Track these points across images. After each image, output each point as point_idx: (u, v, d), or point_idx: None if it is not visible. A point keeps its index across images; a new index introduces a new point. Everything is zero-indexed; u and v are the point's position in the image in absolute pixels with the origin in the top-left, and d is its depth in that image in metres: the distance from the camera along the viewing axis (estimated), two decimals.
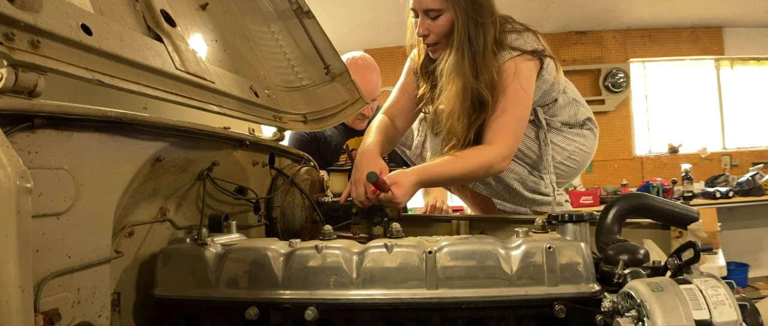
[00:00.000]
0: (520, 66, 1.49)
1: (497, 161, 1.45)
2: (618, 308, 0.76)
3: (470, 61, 1.47)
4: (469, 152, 1.47)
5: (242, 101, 1.31)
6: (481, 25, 1.47)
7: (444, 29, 1.50)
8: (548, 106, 1.67)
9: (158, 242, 1.06)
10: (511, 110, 1.47)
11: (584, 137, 1.72)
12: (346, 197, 1.46)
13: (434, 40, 1.55)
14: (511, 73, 1.48)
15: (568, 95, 1.70)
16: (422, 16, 1.52)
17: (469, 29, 1.46)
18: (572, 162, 1.69)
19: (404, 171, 1.38)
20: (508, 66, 1.49)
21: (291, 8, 1.66)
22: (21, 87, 0.69)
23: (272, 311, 0.91)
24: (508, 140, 1.47)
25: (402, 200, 1.32)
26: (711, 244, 0.79)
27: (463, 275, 0.89)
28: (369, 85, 2.27)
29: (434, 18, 1.49)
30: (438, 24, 1.50)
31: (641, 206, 1.12)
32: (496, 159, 1.44)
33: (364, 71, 2.31)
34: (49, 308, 0.71)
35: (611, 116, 5.54)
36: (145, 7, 1.10)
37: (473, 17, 1.46)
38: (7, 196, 0.55)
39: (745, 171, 5.02)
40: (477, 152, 1.46)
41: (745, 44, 5.60)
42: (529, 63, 1.51)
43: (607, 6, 4.98)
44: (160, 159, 0.99)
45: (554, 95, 1.64)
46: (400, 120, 1.76)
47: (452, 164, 1.44)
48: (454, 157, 1.45)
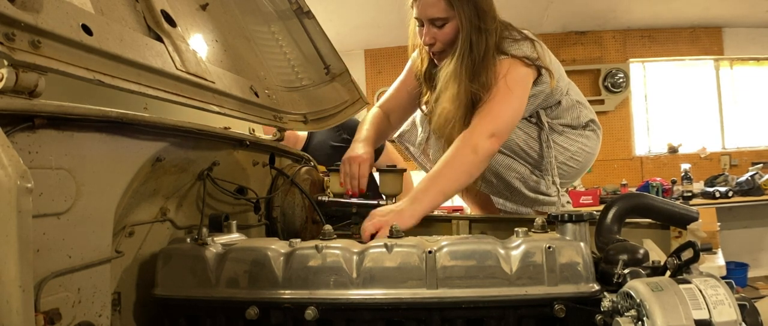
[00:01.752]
0: (511, 67, 1.49)
1: (481, 138, 1.40)
2: (617, 308, 0.76)
3: (469, 67, 1.47)
4: (450, 151, 1.42)
5: (242, 101, 1.31)
6: (484, 31, 1.47)
7: (450, 37, 1.51)
8: (551, 108, 1.67)
9: (158, 242, 1.06)
10: (498, 101, 1.46)
11: (587, 138, 1.72)
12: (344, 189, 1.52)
13: (441, 48, 1.56)
14: (501, 72, 1.48)
15: (571, 97, 1.70)
16: (428, 25, 1.52)
17: (472, 36, 1.47)
18: (575, 162, 1.70)
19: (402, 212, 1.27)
20: (501, 65, 1.49)
21: (291, 8, 1.66)
22: (21, 87, 0.69)
23: (272, 311, 0.91)
24: (491, 121, 1.44)
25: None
26: (710, 244, 0.79)
27: (463, 275, 0.89)
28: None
29: (440, 26, 1.50)
30: (444, 32, 1.51)
31: (641, 206, 1.12)
32: (479, 137, 1.40)
33: None
34: (50, 308, 0.71)
35: (611, 116, 5.53)
36: (145, 8, 1.10)
37: (476, 24, 1.46)
38: (8, 196, 0.55)
39: (745, 171, 5.01)
40: (456, 145, 1.41)
41: (745, 44, 5.59)
42: (522, 69, 1.51)
43: (606, 6, 4.98)
44: (161, 159, 0.99)
45: (556, 97, 1.65)
46: (394, 116, 1.78)
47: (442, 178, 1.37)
48: (439, 169, 1.38)
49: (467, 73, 1.47)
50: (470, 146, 1.40)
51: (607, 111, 5.50)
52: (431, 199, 1.33)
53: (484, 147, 1.41)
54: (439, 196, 1.35)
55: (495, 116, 1.45)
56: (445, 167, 1.38)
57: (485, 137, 1.41)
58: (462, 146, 1.40)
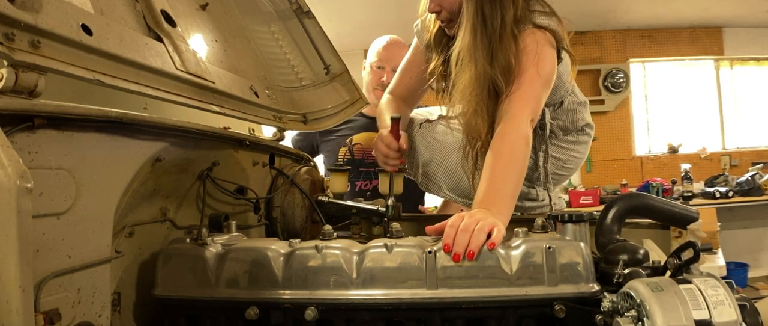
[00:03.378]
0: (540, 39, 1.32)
1: (527, 126, 1.24)
2: (618, 308, 0.76)
3: (485, 45, 1.29)
4: (503, 147, 1.20)
5: (242, 101, 1.31)
6: (499, 2, 1.29)
7: (456, 5, 1.36)
8: (554, 106, 1.56)
9: (158, 242, 1.06)
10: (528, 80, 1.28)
11: (580, 143, 1.63)
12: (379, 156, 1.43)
13: (447, 17, 1.42)
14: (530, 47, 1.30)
15: (574, 98, 1.60)
16: None
17: (484, 7, 1.28)
18: (565, 170, 1.64)
19: (488, 217, 0.98)
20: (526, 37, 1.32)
21: (291, 8, 1.66)
22: (21, 87, 0.69)
23: (272, 311, 0.91)
24: (528, 104, 1.28)
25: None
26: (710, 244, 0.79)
27: (463, 275, 0.89)
28: None
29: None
30: (449, 2, 1.37)
31: (641, 206, 1.12)
32: (525, 125, 1.24)
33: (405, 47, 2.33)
34: (50, 308, 0.71)
35: (611, 116, 5.54)
36: (145, 7, 1.10)
37: None
38: (8, 196, 0.55)
39: (745, 171, 5.02)
40: (507, 138, 1.21)
41: (745, 44, 5.60)
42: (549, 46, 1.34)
43: (606, 6, 4.98)
44: (161, 159, 0.99)
45: (562, 94, 1.54)
46: (408, 99, 1.66)
47: (511, 173, 1.16)
48: (502, 164, 1.17)
49: (484, 53, 1.29)
50: (525, 139, 1.22)
51: (607, 111, 5.50)
52: (509, 208, 1.12)
53: (530, 134, 1.25)
54: (513, 202, 1.16)
55: (529, 98, 1.28)
56: (509, 168, 1.17)
57: (527, 124, 1.25)
58: (516, 145, 1.20)
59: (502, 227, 0.94)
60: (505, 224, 1.02)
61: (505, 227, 0.98)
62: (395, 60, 2.27)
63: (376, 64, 2.35)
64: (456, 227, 0.92)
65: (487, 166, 1.18)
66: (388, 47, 2.34)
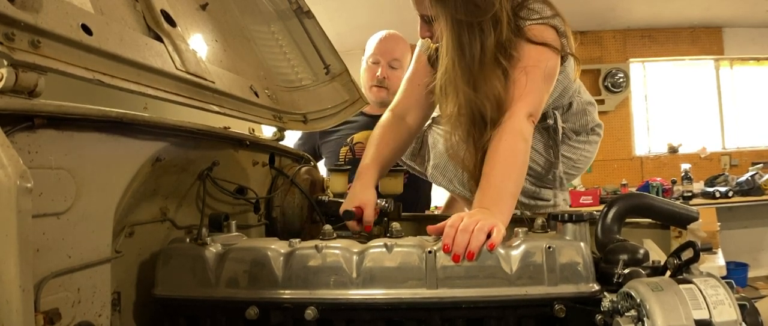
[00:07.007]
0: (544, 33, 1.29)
1: (523, 123, 1.22)
2: (618, 308, 0.76)
3: (464, 73, 1.27)
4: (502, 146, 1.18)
5: (242, 101, 1.31)
6: (477, 26, 1.24)
7: (439, 32, 1.32)
8: (563, 108, 1.56)
9: (158, 242, 1.06)
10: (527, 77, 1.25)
11: (590, 143, 1.65)
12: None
13: (438, 42, 1.36)
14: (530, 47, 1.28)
15: (582, 99, 1.59)
16: (421, 21, 1.37)
17: (461, 37, 1.25)
18: (575, 169, 1.65)
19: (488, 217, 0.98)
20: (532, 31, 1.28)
21: (291, 8, 1.66)
22: (21, 87, 0.69)
23: (272, 311, 0.91)
24: (526, 101, 1.24)
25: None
26: (710, 244, 0.79)
27: (463, 274, 0.89)
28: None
29: (429, 21, 1.35)
30: (435, 29, 1.33)
31: (641, 205, 1.12)
32: (522, 122, 1.22)
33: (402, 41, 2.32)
34: (50, 307, 0.71)
35: (611, 116, 5.53)
36: (145, 7, 1.10)
37: (465, 19, 1.23)
38: (8, 196, 0.55)
39: (745, 171, 5.01)
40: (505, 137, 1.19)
41: (745, 44, 5.60)
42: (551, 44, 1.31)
43: (606, 6, 4.98)
44: (161, 159, 0.99)
45: (570, 96, 1.52)
46: (413, 116, 1.53)
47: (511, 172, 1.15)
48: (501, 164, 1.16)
49: (464, 80, 1.27)
50: (523, 137, 1.20)
51: (607, 111, 5.49)
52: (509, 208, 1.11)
53: (529, 131, 1.23)
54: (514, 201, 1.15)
55: (527, 92, 1.25)
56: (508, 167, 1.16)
57: (525, 120, 1.23)
58: (513, 138, 1.19)
59: (501, 228, 0.94)
60: (506, 224, 1.01)
61: (505, 227, 0.97)
62: (391, 54, 2.26)
63: (371, 59, 2.29)
64: (456, 228, 0.92)
65: (486, 165, 1.18)
66: (383, 41, 2.29)
